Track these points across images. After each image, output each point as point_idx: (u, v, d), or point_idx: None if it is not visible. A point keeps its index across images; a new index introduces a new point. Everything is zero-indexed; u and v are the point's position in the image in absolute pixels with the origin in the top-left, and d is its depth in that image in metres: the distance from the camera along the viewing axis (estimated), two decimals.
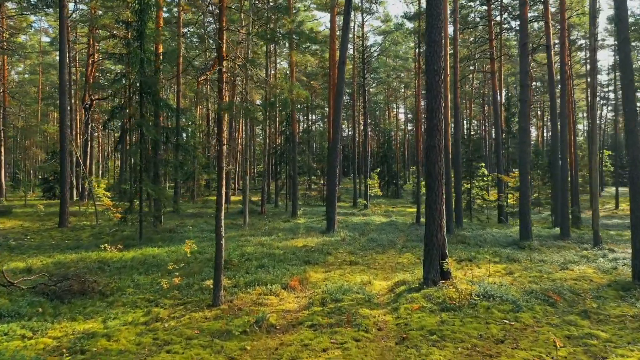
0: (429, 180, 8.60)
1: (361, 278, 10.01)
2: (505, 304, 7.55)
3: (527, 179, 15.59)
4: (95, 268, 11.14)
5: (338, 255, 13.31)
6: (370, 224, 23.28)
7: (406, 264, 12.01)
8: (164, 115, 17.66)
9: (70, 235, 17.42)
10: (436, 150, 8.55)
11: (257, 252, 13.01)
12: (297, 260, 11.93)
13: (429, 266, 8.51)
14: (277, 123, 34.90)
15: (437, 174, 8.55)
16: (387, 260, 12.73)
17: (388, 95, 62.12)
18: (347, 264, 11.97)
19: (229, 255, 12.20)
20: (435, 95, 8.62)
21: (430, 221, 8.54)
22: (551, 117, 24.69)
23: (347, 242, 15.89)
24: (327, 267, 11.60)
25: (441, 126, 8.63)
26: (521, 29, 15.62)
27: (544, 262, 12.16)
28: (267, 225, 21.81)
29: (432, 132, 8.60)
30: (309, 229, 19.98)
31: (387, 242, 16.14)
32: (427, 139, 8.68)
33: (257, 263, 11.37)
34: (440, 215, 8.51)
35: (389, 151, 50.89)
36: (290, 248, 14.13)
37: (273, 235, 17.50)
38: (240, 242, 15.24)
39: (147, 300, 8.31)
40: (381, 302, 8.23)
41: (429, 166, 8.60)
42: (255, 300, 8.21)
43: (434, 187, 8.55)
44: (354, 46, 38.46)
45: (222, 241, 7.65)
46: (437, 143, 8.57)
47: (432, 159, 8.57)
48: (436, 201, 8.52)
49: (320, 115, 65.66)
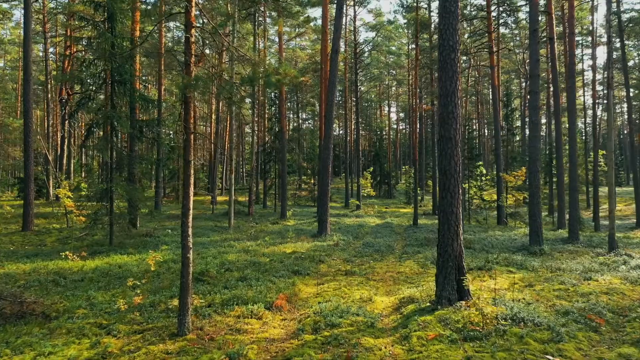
0: (443, 179, 7.15)
1: (360, 293, 8.52)
2: (540, 330, 6.13)
3: (538, 177, 14.27)
4: (48, 282, 9.50)
5: (332, 264, 11.82)
6: (364, 226, 21.86)
7: (409, 274, 10.56)
8: (141, 109, 15.98)
9: (33, 240, 15.67)
10: (452, 143, 7.11)
11: (240, 261, 11.45)
12: (285, 271, 10.40)
13: (443, 281, 7.05)
14: (266, 120, 33.31)
15: (453, 171, 7.10)
16: (387, 269, 11.27)
17: (380, 93, 60.86)
18: (342, 274, 10.48)
19: (206, 265, 10.64)
20: (450, 77, 7.18)
21: (445, 227, 7.09)
22: (555, 113, 23.53)
23: (341, 248, 14.42)
24: (320, 278, 10.10)
25: (458, 113, 7.19)
26: (531, 14, 14.29)
27: (562, 271, 10.82)
28: (253, 228, 20.24)
29: (447, 120, 7.15)
30: (299, 232, 18.47)
31: (385, 247, 14.70)
32: (441, 130, 7.23)
33: (239, 274, 9.82)
34: (457, 220, 7.07)
35: (381, 150, 49.60)
36: (278, 255, 12.60)
37: (259, 239, 15.95)
38: (222, 248, 13.67)
39: (98, 326, 6.72)
40: (387, 326, 6.75)
41: (443, 162, 7.15)
42: (232, 326, 6.67)
43: (450, 187, 7.10)
44: (345, 41, 37.09)
45: (190, 254, 6.10)
46: (454, 134, 7.12)
47: (448, 152, 7.13)
48: (452, 203, 7.07)
49: (310, 113, 64.19)
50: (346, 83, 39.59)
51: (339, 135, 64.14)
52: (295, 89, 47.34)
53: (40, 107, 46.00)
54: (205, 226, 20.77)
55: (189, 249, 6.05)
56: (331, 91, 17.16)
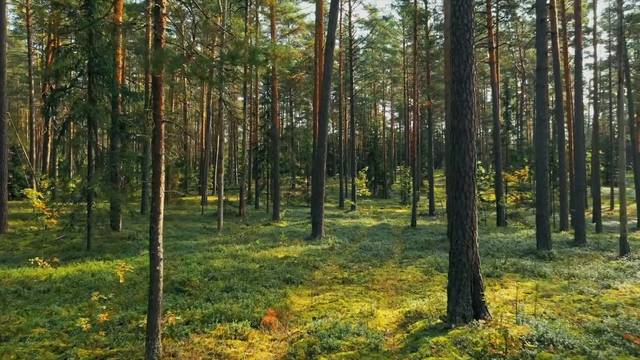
0: (456, 178, 6.22)
1: (360, 306, 7.58)
2: (573, 354, 5.23)
3: (546, 176, 13.43)
4: (9, 293, 8.45)
5: (327, 270, 10.87)
6: (360, 227, 20.94)
7: (412, 282, 9.64)
8: (124, 103, 14.92)
9: (5, 243, 14.53)
10: (467, 136, 6.19)
11: (227, 268, 10.46)
12: (275, 279, 9.43)
13: (457, 295, 6.14)
14: (258, 118, 32.29)
15: (467, 169, 6.18)
16: (387, 276, 10.34)
17: (374, 92, 60.03)
18: (339, 283, 9.53)
19: (189, 272, 9.64)
20: (464, 60, 6.26)
21: (459, 233, 6.16)
22: (556, 110, 22.77)
23: (337, 252, 13.47)
24: (315, 287, 9.15)
25: (473, 102, 6.28)
26: (538, 2, 13.45)
27: (577, 278, 9.97)
28: (244, 230, 19.24)
29: (460, 110, 6.24)
30: (291, 234, 17.51)
31: (384, 250, 13.78)
32: (453, 121, 6.31)
33: (225, 284, 8.83)
34: (473, 224, 6.15)
35: (376, 149, 48.77)
36: (269, 260, 11.63)
37: (250, 242, 14.97)
38: (209, 253, 12.66)
39: (54, 350, 5.72)
40: (392, 348, 5.82)
41: (457, 158, 6.22)
42: (211, 349, 5.70)
43: (464, 187, 6.18)
44: (340, 38, 36.17)
45: (160, 266, 5.11)
46: (468, 126, 6.21)
47: (462, 147, 6.21)
48: (467, 205, 6.15)
49: (304, 112, 63.24)
50: (341, 81, 38.69)
51: (333, 134, 63.27)
52: (288, 86, 46.36)
53: (29, 105, 44.60)
54: (193, 228, 19.74)
55: (159, 260, 5.07)
56: (326, 85, 16.21)
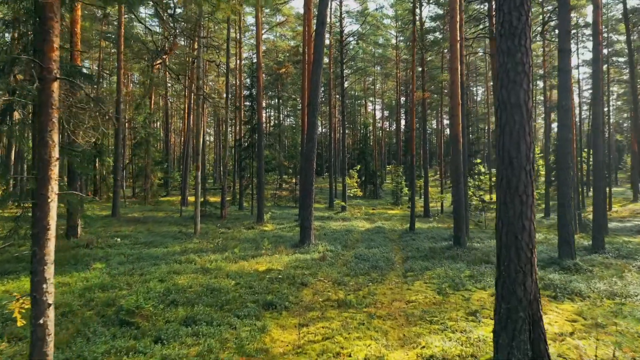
0: (507, 173, 4.33)
1: (364, 346, 5.65)
2: None
3: (569, 175, 11.71)
4: None
5: (318, 287, 8.92)
6: (352, 231, 19.03)
7: (425, 305, 7.74)
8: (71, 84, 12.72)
9: None
10: (522, 112, 4.28)
11: (194, 286, 8.44)
12: (253, 303, 7.44)
13: (510, 343, 4.24)
14: (242, 112, 30.19)
15: (523, 160, 4.28)
16: (392, 295, 8.42)
17: (365, 89, 58.32)
18: (333, 307, 7.58)
19: (145, 294, 7.62)
20: (518, 5, 4.37)
21: (511, 253, 4.27)
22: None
23: (329, 262, 11.53)
24: (303, 314, 7.19)
25: (530, 65, 4.40)
26: None
27: (620, 297, 8.22)
28: (224, 234, 17.19)
29: (514, 76, 4.35)
30: (277, 239, 15.52)
31: (383, 260, 11.87)
32: (503, 92, 4.41)
33: (186, 312, 6.81)
34: (531, 241, 4.27)
35: (367, 148, 46.98)
36: (248, 275, 9.64)
37: (228, 250, 12.94)
38: (177, 265, 10.60)
39: None
40: None
41: (506, 145, 4.34)
42: None
43: (518, 186, 4.29)
44: (330, 29, 34.28)
45: (48, 318, 3.09)
46: (524, 98, 4.31)
47: (515, 129, 4.31)
48: (523, 213, 4.27)
49: (292, 109, 61.24)
50: (331, 75, 36.78)
51: (322, 133, 61.44)
52: (275, 82, 44.32)
53: None
54: (167, 232, 17.61)
55: (46, 307, 3.06)
56: (316, 71, 14.26)
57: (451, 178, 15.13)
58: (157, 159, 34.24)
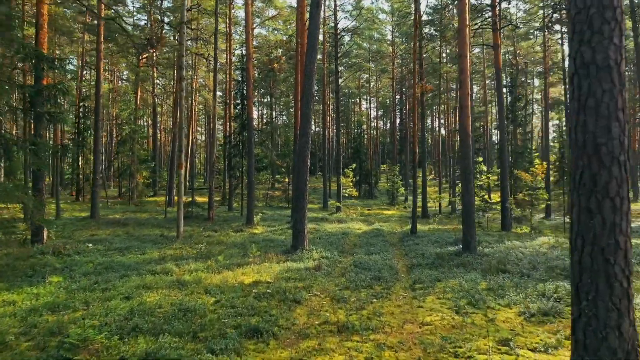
0: (593, 166, 3.03)
1: None
2: None
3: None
4: None
5: (314, 305, 7.55)
6: (349, 234, 17.70)
7: (443, 329, 6.39)
8: (35, 72, 11.26)
9: None
10: (611, 78, 3.00)
11: (165, 306, 7.03)
12: (234, 330, 6.04)
13: None
14: (232, 107, 28.72)
15: (616, 148, 2.99)
16: (402, 316, 7.07)
17: (359, 86, 57.05)
18: (332, 333, 6.21)
19: (102, 318, 6.20)
20: None
21: (600, 283, 2.94)
22: None
23: (325, 272, 10.17)
24: (296, 342, 5.82)
25: (621, 12, 3.08)
26: None
27: None
28: (209, 237, 15.78)
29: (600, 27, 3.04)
30: (267, 244, 14.15)
31: (386, 269, 10.53)
32: (583, 49, 3.11)
33: (147, 345, 5.39)
34: (627, 265, 2.95)
35: (361, 146, 45.73)
36: (231, 289, 8.24)
37: (211, 258, 11.54)
38: (149, 277, 9.17)
39: None
40: None
41: (591, 126, 3.05)
42: None
43: (608, 187, 2.98)
44: (324, 23, 32.92)
45: None
46: (616, 59, 3.02)
47: (602, 103, 3.02)
48: (615, 225, 2.94)
49: (284, 107, 59.85)
50: (324, 71, 35.41)
51: (315, 132, 60.08)
52: (267, 78, 42.89)
53: None
54: (148, 236, 16.16)
55: None
56: (310, 59, 12.89)
57: (460, 177, 13.86)
58: (142, 157, 32.63)
